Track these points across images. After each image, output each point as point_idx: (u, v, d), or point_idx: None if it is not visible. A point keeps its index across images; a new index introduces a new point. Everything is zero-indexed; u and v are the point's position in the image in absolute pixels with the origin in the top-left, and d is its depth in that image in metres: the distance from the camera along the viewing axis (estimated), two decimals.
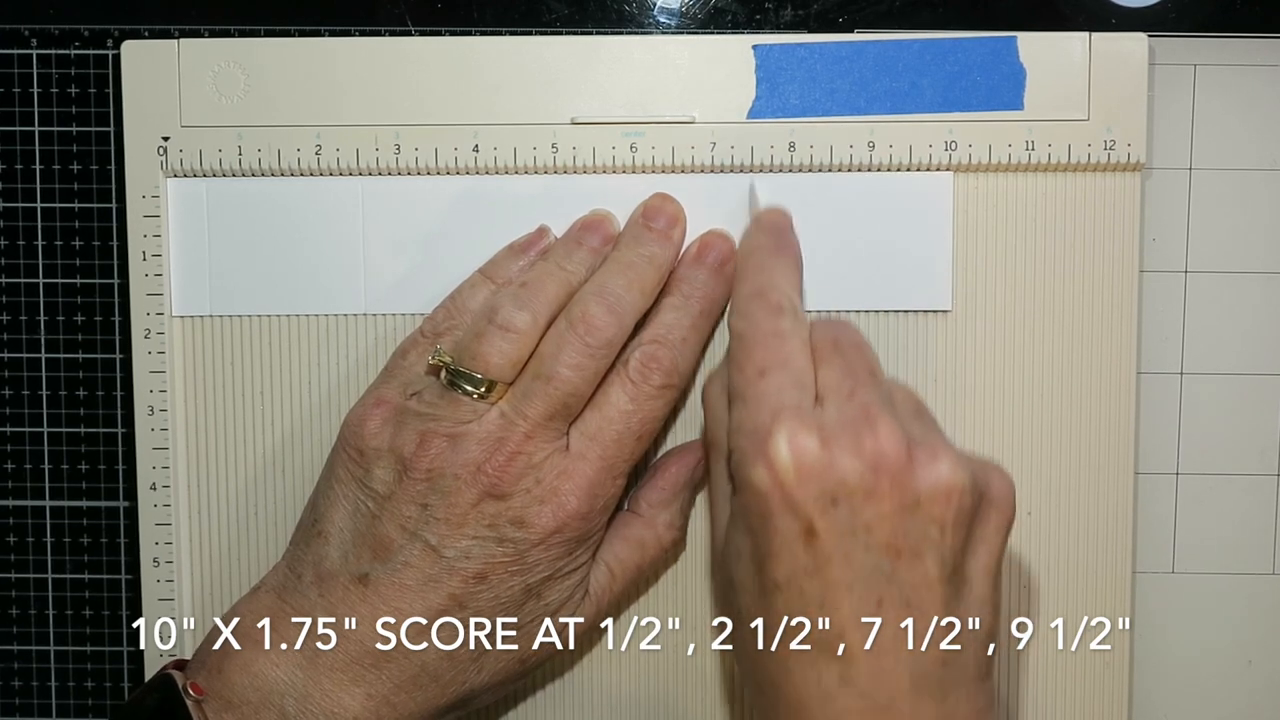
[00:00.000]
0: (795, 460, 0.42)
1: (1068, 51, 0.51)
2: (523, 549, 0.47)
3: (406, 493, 0.47)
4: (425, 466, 0.47)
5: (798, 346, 0.46)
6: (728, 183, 0.52)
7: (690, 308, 0.50)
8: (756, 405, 0.44)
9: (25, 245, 0.54)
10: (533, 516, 0.47)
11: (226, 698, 0.47)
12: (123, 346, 0.54)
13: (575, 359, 0.47)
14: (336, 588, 0.47)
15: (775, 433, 0.43)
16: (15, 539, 0.54)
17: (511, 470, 0.47)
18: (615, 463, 0.49)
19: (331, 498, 0.49)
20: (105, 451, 0.54)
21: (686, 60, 0.52)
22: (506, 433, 0.47)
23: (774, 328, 0.46)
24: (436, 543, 0.47)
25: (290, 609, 0.48)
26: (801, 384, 0.45)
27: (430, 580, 0.47)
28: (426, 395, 0.48)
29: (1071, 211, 0.52)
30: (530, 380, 0.48)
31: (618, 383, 0.48)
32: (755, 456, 0.43)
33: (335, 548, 0.48)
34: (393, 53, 0.52)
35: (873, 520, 0.42)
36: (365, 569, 0.47)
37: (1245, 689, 0.55)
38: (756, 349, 0.45)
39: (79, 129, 0.53)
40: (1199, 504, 0.54)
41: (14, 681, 0.55)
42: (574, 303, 0.49)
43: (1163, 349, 0.54)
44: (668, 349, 0.49)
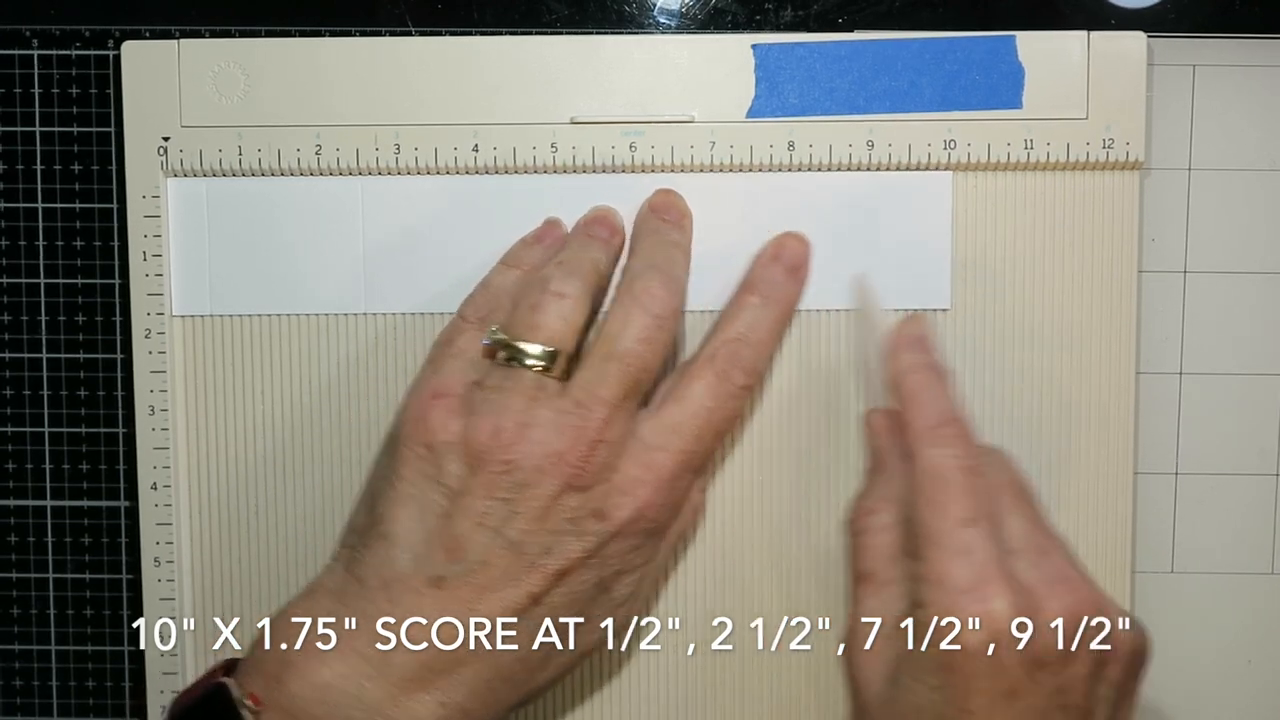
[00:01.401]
0: (1010, 625, 0.42)
1: (1066, 50, 0.51)
2: (602, 541, 0.46)
3: (483, 487, 0.45)
4: (502, 458, 0.45)
5: (986, 490, 0.45)
6: (727, 182, 0.52)
7: (770, 310, 0.50)
8: (964, 558, 0.43)
9: (25, 245, 0.54)
10: (612, 508, 0.46)
11: (286, 708, 0.44)
12: (123, 346, 0.54)
13: (644, 332, 0.46)
14: (407, 592, 0.45)
15: (992, 595, 0.43)
16: (15, 539, 0.54)
17: (594, 460, 0.45)
18: (693, 457, 0.48)
19: (394, 497, 0.46)
20: (105, 451, 0.54)
21: (686, 59, 0.52)
22: (584, 420, 0.45)
23: (974, 466, 0.45)
24: (517, 538, 0.45)
25: (354, 614, 0.45)
26: (999, 537, 0.44)
27: (509, 579, 0.45)
28: (489, 380, 0.47)
29: (1070, 210, 0.52)
30: (600, 362, 0.46)
31: (702, 378, 0.48)
32: (968, 615, 0.43)
33: (403, 550, 0.45)
34: (392, 53, 0.52)
35: (1067, 683, 0.43)
36: (439, 571, 0.45)
37: (1245, 689, 0.55)
38: (962, 493, 0.44)
39: (79, 129, 0.53)
40: (1198, 504, 0.54)
41: (14, 681, 0.55)
42: (631, 279, 0.48)
43: (1162, 349, 0.54)
44: (751, 349, 0.49)
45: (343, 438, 0.53)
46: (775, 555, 0.53)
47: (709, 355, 0.48)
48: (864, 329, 0.52)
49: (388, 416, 0.52)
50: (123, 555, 0.54)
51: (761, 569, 0.53)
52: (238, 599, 0.53)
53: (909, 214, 0.52)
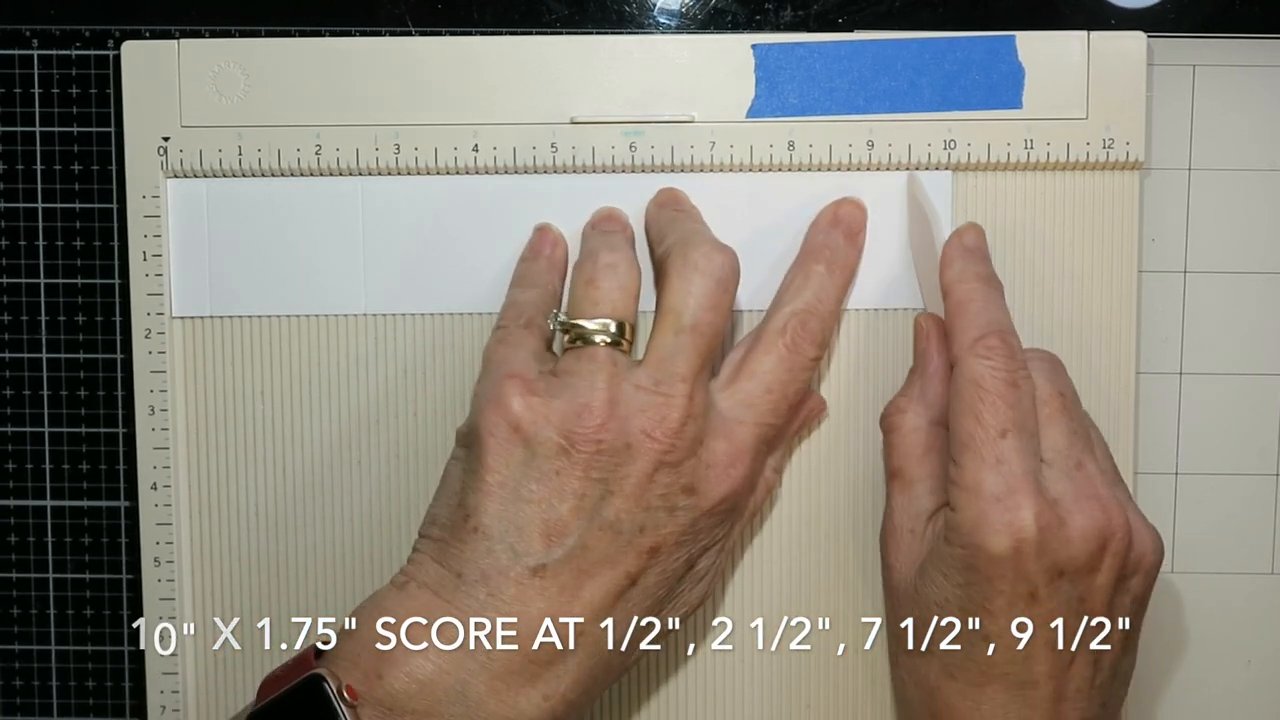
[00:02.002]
0: (1037, 534, 0.44)
1: (1066, 50, 0.51)
2: (694, 517, 0.46)
3: (577, 468, 0.45)
4: (594, 438, 0.45)
5: (1030, 403, 0.46)
6: (727, 182, 0.52)
7: (835, 277, 0.50)
8: (997, 468, 0.45)
9: (25, 245, 0.54)
10: (701, 483, 0.46)
11: (386, 704, 0.43)
12: (123, 346, 0.54)
13: (709, 299, 0.47)
14: (508, 584, 0.44)
15: (1020, 505, 0.44)
16: (16, 539, 0.54)
17: (684, 436, 0.46)
18: (769, 430, 0.48)
19: (483, 489, 0.45)
20: (106, 451, 0.54)
21: (686, 59, 0.52)
22: (668, 396, 0.46)
23: (1014, 379, 0.46)
24: (614, 518, 0.45)
25: (453, 608, 0.45)
26: (1036, 450, 0.46)
27: (608, 560, 0.45)
28: (562, 364, 0.47)
29: (1070, 210, 0.52)
30: (672, 337, 0.46)
31: (773, 351, 0.48)
32: (996, 523, 0.44)
33: (499, 541, 0.45)
34: (392, 53, 0.52)
35: (1087, 592, 0.45)
36: (539, 559, 0.45)
37: (1245, 689, 0.55)
38: (1001, 404, 0.45)
39: (79, 129, 0.53)
40: (1199, 504, 0.54)
41: (14, 681, 0.55)
42: (683, 250, 0.48)
43: (1162, 349, 0.54)
44: (819, 319, 0.49)
45: (342, 437, 0.53)
46: (775, 555, 0.53)
47: (779, 328, 0.48)
48: (918, 231, 0.51)
49: (387, 416, 0.52)
50: (122, 555, 0.54)
51: (761, 569, 0.53)
52: (238, 599, 0.53)
53: (909, 214, 0.52)
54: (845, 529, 0.53)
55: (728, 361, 0.49)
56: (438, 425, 0.53)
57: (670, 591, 0.47)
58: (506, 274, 0.52)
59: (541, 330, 0.49)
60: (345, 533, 0.53)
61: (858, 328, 0.52)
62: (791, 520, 0.53)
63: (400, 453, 0.53)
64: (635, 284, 0.48)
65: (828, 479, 0.53)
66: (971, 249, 0.49)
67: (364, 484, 0.53)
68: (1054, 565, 0.44)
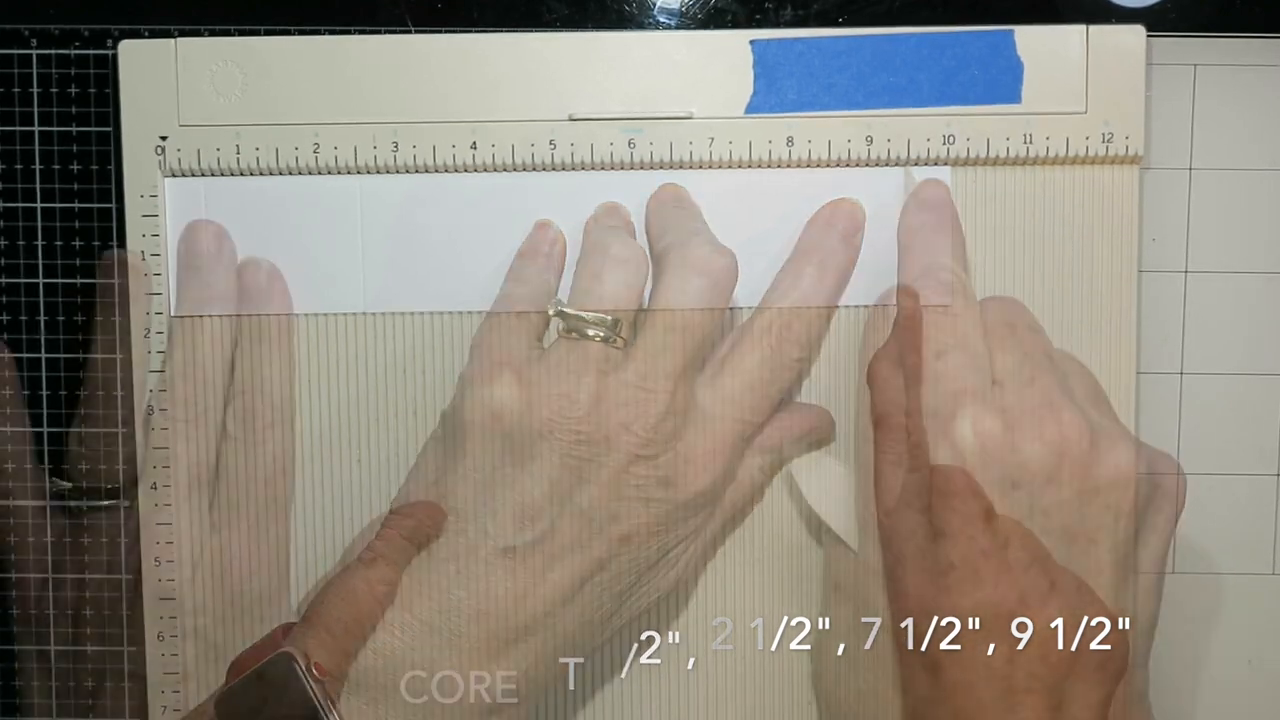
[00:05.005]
0: (980, 442, 0.44)
1: (1065, 44, 0.51)
2: (668, 509, 0.47)
3: (554, 454, 0.46)
4: (573, 429, 0.46)
5: (972, 327, 0.47)
6: (727, 178, 0.52)
7: (825, 279, 0.50)
8: (936, 387, 0.45)
9: (25, 245, 0.54)
10: (678, 476, 0.47)
11: (353, 679, 0.45)
12: (123, 346, 0.54)
13: (705, 299, 0.47)
14: (476, 563, 0.46)
15: (959, 415, 0.45)
16: (15, 539, 0.54)
17: (662, 431, 0.47)
18: (748, 427, 0.49)
19: (460, 472, 0.47)
20: (105, 451, 0.54)
21: (684, 56, 0.52)
22: (651, 392, 0.47)
23: (951, 308, 0.47)
24: (587, 507, 0.46)
25: (421, 585, 0.46)
26: (979, 366, 0.46)
27: (578, 545, 0.46)
28: (553, 354, 0.48)
29: (1070, 205, 0.52)
30: (663, 335, 0.47)
31: (757, 350, 0.49)
32: (938, 438, 0.45)
33: (470, 521, 0.47)
34: (390, 50, 0.52)
35: (1051, 505, 0.45)
36: (509, 541, 0.46)
37: (1245, 689, 0.55)
38: (932, 329, 0.46)
39: (78, 129, 0.53)
40: (1199, 504, 0.54)
41: (14, 681, 0.55)
42: (682, 249, 0.48)
43: (1162, 349, 0.54)
44: (804, 320, 0.49)
45: (342, 437, 0.53)
46: (775, 555, 0.53)
47: (764, 326, 0.49)
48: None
49: (387, 415, 0.53)
50: (123, 556, 0.54)
51: (762, 569, 0.53)
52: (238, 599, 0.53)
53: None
54: None
55: (713, 356, 0.49)
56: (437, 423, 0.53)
57: (640, 578, 0.48)
58: (505, 272, 0.52)
59: (533, 323, 0.49)
60: (344, 530, 0.53)
61: (856, 325, 0.52)
62: (791, 520, 0.53)
63: (400, 451, 0.53)
64: (642, 281, 0.48)
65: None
66: (923, 200, 0.50)
67: (363, 482, 0.53)
68: (1005, 475, 0.44)
